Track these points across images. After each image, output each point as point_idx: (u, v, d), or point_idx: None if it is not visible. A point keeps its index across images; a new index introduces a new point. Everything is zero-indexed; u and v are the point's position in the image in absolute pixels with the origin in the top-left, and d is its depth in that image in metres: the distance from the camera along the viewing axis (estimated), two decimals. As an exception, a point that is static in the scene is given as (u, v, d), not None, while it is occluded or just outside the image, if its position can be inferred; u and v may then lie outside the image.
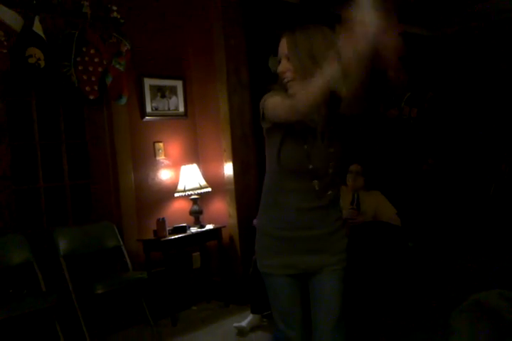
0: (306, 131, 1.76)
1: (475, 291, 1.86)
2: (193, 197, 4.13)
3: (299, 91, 1.63)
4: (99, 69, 3.60)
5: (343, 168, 1.90)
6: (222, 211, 4.30)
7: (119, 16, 3.76)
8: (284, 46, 1.74)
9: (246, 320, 3.58)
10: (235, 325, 3.54)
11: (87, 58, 3.54)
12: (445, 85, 5.97)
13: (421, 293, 4.03)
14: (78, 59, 3.48)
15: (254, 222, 4.17)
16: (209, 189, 4.20)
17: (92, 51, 3.56)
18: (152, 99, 4.11)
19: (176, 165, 4.24)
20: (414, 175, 5.30)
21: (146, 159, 4.09)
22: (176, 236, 3.88)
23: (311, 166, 1.77)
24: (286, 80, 1.74)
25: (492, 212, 5.49)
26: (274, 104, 1.70)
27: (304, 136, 1.77)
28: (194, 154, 4.41)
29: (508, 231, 5.11)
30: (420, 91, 5.09)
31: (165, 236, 3.83)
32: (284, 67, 1.73)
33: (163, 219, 3.87)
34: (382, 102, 5.37)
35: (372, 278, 3.66)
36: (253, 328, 3.56)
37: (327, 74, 1.50)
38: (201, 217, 4.19)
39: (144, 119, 4.08)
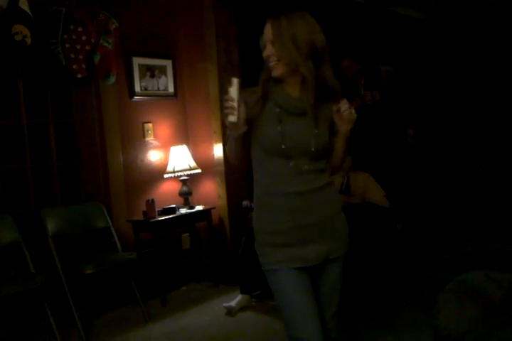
0: (279, 112, 1.80)
1: (461, 272, 1.88)
2: (182, 178, 4.11)
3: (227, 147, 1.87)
4: (87, 47, 3.54)
5: (328, 149, 1.86)
6: (211, 192, 4.30)
7: (107, -7, 3.69)
8: (268, 31, 1.78)
9: (235, 300, 3.61)
10: (225, 305, 3.57)
11: (74, 36, 3.47)
12: (399, 60, 6.04)
13: (409, 274, 4.08)
14: (65, 36, 3.42)
15: (244, 203, 4.19)
16: (199, 170, 4.19)
17: (79, 29, 3.50)
18: (141, 78, 4.06)
19: (166, 146, 4.21)
20: (400, 152, 5.33)
21: (135, 140, 4.06)
22: (166, 217, 3.88)
23: (283, 146, 1.77)
24: (271, 64, 1.78)
25: (480, 193, 5.54)
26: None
27: (278, 115, 1.80)
28: (184, 135, 4.38)
29: (496, 212, 5.17)
30: (373, 72, 5.12)
31: (154, 217, 3.83)
32: (269, 51, 1.78)
33: (152, 200, 3.86)
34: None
35: (360, 260, 3.70)
36: (242, 308, 3.60)
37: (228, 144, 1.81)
38: (191, 198, 4.18)
39: (133, 99, 4.04)
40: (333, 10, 5.22)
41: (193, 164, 4.16)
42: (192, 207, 4.11)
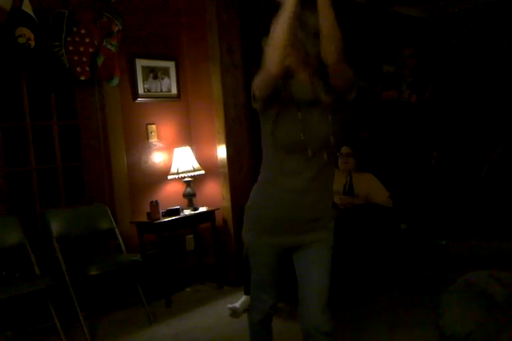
0: (297, 102, 1.81)
1: (465, 272, 1.87)
2: (186, 179, 4.12)
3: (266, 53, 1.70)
4: (90, 49, 3.55)
5: (341, 140, 1.94)
6: (215, 193, 4.30)
7: (110, -5, 3.70)
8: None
9: (239, 301, 3.61)
10: (229, 306, 3.57)
11: (77, 38, 3.49)
12: (446, 80, 5.96)
13: (413, 275, 4.07)
14: (69, 39, 3.44)
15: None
16: (202, 171, 4.19)
17: (82, 31, 3.51)
18: (144, 80, 4.07)
19: (169, 148, 4.22)
20: (417, 169, 5.31)
21: (138, 141, 4.07)
22: (170, 219, 3.89)
23: (303, 137, 1.80)
24: None
25: (484, 195, 5.53)
26: (255, 79, 1.79)
27: (297, 106, 1.82)
28: (187, 136, 4.38)
29: (501, 212, 5.16)
30: (423, 78, 5.07)
31: (158, 219, 3.84)
32: None
33: (156, 201, 3.87)
34: (379, 81, 5.35)
35: (365, 261, 3.69)
36: (246, 309, 3.59)
37: (281, 22, 1.67)
38: (194, 199, 4.19)
39: (136, 101, 4.05)
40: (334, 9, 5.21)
41: (197, 165, 4.16)
42: (196, 209, 4.11)
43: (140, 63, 4.04)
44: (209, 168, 4.26)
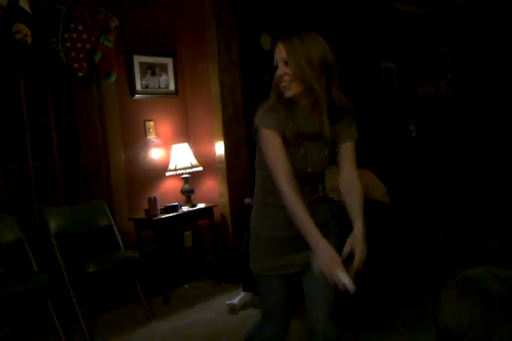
0: (302, 137, 1.83)
1: (464, 268, 1.88)
2: (184, 176, 4.12)
3: (290, 202, 1.74)
4: (88, 45, 3.54)
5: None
6: (213, 190, 4.30)
7: (107, -9, 3.69)
8: (281, 51, 1.80)
9: (237, 297, 3.61)
10: (227, 303, 3.57)
11: (75, 35, 3.47)
12: (482, 74, 5.93)
13: (411, 270, 4.08)
14: (66, 35, 3.42)
15: (246, 200, 4.19)
16: (200, 168, 4.19)
17: (80, 27, 3.50)
18: (142, 76, 4.06)
19: (167, 144, 4.21)
20: (402, 148, 5.34)
21: (136, 138, 4.06)
22: (168, 215, 3.88)
23: (309, 169, 1.86)
24: (284, 84, 1.80)
25: (482, 189, 5.54)
26: (272, 160, 1.80)
27: (300, 141, 1.83)
28: (185, 133, 4.38)
29: (498, 207, 5.17)
30: (460, 74, 5.11)
31: (156, 215, 3.83)
32: (283, 70, 1.79)
33: (154, 198, 3.87)
34: (413, 78, 5.39)
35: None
36: (244, 305, 3.60)
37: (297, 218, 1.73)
38: (193, 196, 4.19)
39: (134, 97, 4.04)
40: (333, 6, 5.22)
41: (195, 162, 4.16)
42: (194, 205, 4.11)
43: (138, 59, 4.03)
44: (207, 164, 4.25)
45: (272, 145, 1.79)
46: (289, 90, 1.79)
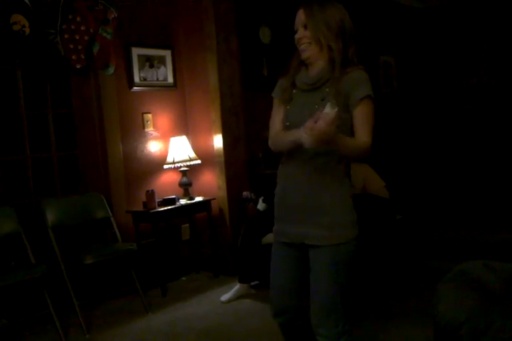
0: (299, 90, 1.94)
1: (461, 261, 1.88)
2: (182, 169, 4.11)
3: (274, 138, 1.96)
4: (86, 37, 3.52)
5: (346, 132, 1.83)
6: (211, 183, 4.30)
7: (105, -18, 3.66)
8: (300, 16, 1.90)
9: (232, 289, 3.63)
10: (222, 299, 3.60)
11: (73, 26, 3.46)
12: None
13: (409, 264, 4.09)
14: (64, 26, 3.40)
15: (244, 193, 4.19)
16: (198, 161, 4.18)
17: (78, 19, 3.48)
18: (140, 69, 4.04)
19: (165, 137, 4.20)
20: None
21: (134, 130, 4.05)
22: (165, 208, 3.88)
23: (287, 123, 1.92)
24: (302, 46, 1.89)
25: (480, 183, 5.55)
26: (270, 125, 2.02)
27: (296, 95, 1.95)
28: (183, 126, 4.37)
29: (496, 201, 5.18)
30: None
31: (154, 208, 3.83)
32: (302, 34, 1.89)
33: (152, 190, 3.86)
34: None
35: (360, 251, 3.70)
36: (241, 297, 3.61)
37: (283, 144, 1.90)
38: (190, 189, 4.18)
39: (132, 90, 4.02)
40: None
41: (193, 155, 4.15)
42: (192, 198, 4.11)
43: (136, 52, 4.01)
44: (205, 157, 4.25)
45: (273, 112, 2.00)
46: (305, 52, 1.88)
